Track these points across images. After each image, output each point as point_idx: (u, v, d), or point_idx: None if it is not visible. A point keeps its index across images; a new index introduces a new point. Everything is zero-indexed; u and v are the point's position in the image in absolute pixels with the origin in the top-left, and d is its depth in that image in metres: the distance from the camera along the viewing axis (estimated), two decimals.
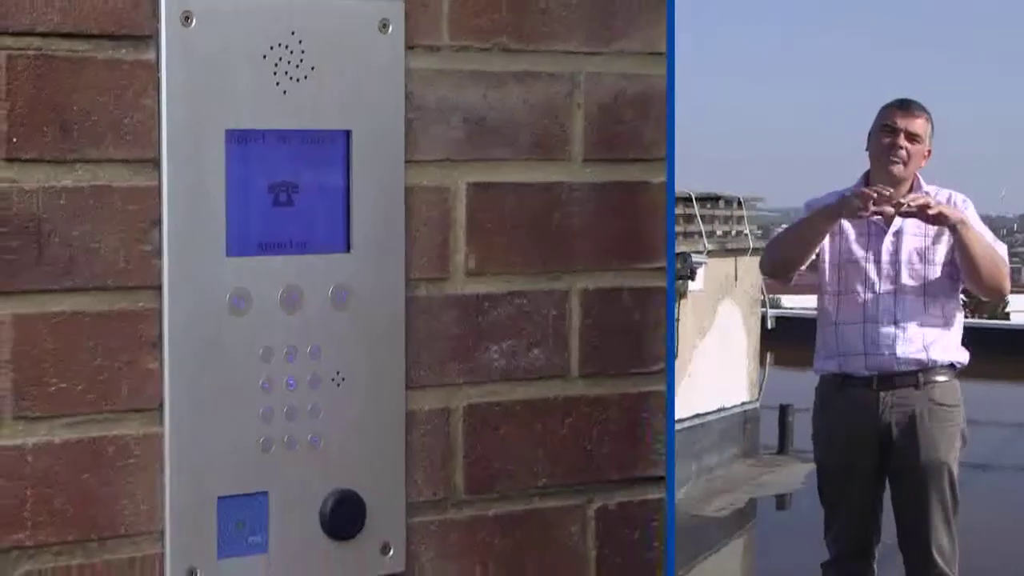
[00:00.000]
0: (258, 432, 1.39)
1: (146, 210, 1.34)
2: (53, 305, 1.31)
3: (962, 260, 4.30)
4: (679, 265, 11.24)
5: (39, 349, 1.31)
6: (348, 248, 1.43)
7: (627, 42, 1.55)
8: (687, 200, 11.62)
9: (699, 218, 11.76)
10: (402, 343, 1.46)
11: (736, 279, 12.05)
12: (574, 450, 1.55)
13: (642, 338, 1.58)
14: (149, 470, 1.35)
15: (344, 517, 1.41)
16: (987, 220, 4.76)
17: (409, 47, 1.45)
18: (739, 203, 12.44)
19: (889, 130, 4.40)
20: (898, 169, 4.39)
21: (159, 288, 1.35)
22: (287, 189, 1.40)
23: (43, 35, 1.29)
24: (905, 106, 4.42)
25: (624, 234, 1.57)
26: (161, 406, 1.35)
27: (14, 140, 1.29)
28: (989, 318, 17.50)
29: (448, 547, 1.49)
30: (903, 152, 4.38)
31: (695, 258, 11.42)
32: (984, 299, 5.32)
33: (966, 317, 4.67)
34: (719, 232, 12.19)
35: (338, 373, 1.42)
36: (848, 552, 4.51)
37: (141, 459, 1.34)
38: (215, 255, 1.37)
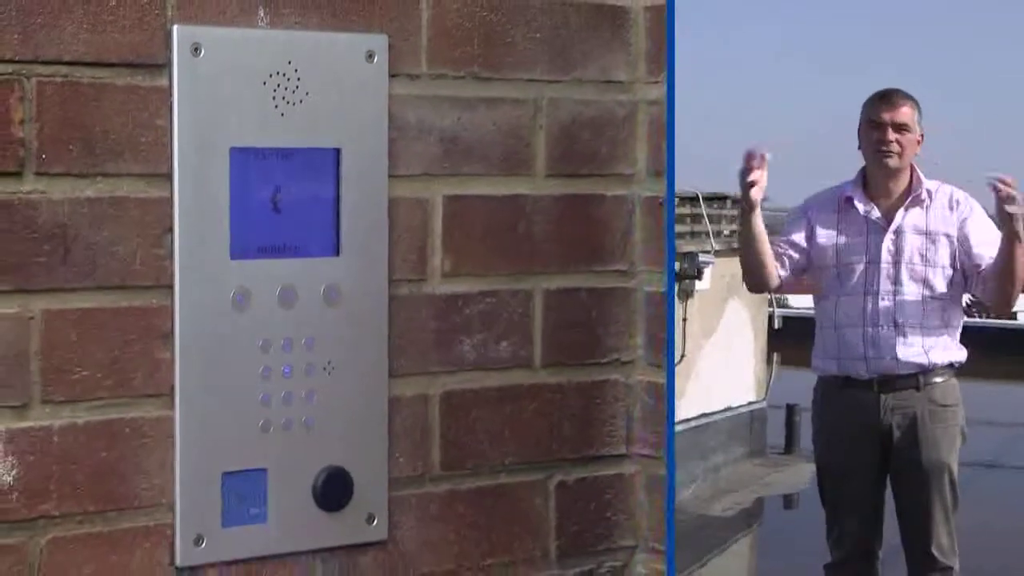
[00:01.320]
0: (258, 415, 1.48)
1: (159, 218, 1.43)
2: (77, 302, 1.40)
3: (998, 271, 3.96)
4: (686, 265, 11.11)
5: (64, 341, 1.39)
6: (338, 252, 1.52)
7: (583, 71, 1.65)
8: (694, 200, 11.48)
9: (706, 218, 11.66)
10: (386, 336, 1.55)
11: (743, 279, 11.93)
12: (537, 432, 1.65)
13: (598, 333, 1.68)
14: (161, 449, 1.43)
15: (334, 491, 1.51)
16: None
17: (392, 75, 1.54)
18: None
19: (876, 125, 4.08)
20: (893, 162, 4.11)
21: (170, 287, 1.44)
22: (284, 200, 1.49)
23: (69, 64, 1.38)
24: (887, 98, 4.12)
25: (582, 240, 1.66)
26: (172, 392, 1.44)
27: (43, 156, 1.38)
28: (996, 318, 17.31)
29: (426, 517, 1.59)
30: (894, 144, 4.08)
31: (702, 258, 11.24)
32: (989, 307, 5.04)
33: (972, 317, 4.50)
34: (726, 232, 12.02)
35: (329, 363, 1.51)
36: (851, 554, 4.32)
37: (154, 439, 1.43)
38: (220, 258, 1.46)
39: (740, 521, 9.80)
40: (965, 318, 4.39)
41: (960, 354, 4.37)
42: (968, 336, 4.33)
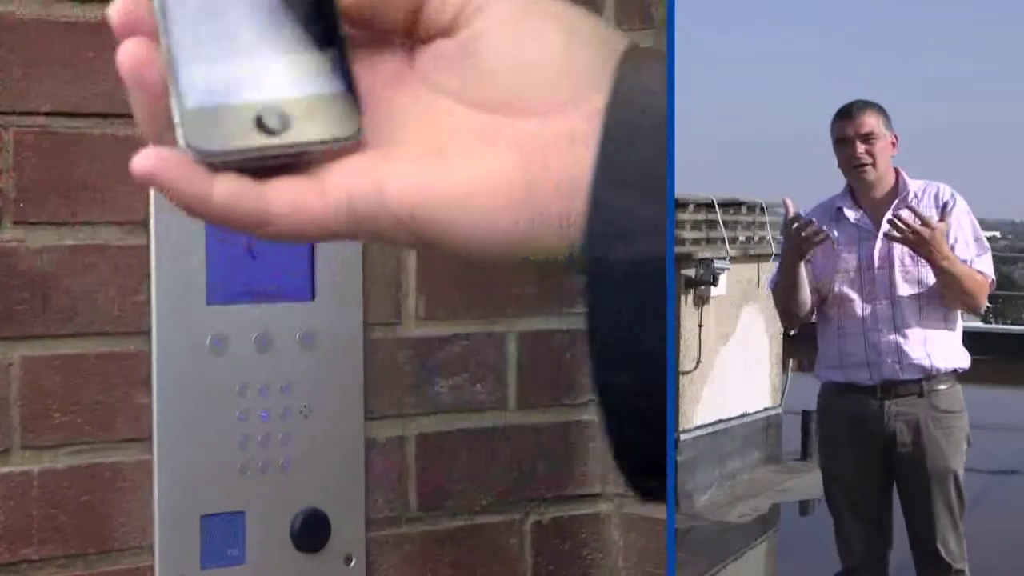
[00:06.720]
0: (236, 458, 1.50)
1: (137, 265, 1.45)
2: (56, 348, 1.42)
3: (940, 288, 4.19)
4: (702, 271, 11.14)
5: (44, 387, 1.41)
6: (313, 296, 1.53)
7: None
8: (709, 206, 11.49)
9: (721, 224, 11.64)
10: (361, 379, 1.57)
11: (759, 284, 11.91)
12: (512, 472, 1.66)
13: (571, 374, 1.69)
14: (141, 492, 1.45)
15: (311, 532, 1.52)
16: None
17: None
18: (761, 208, 12.28)
19: (844, 142, 4.23)
20: (870, 175, 4.18)
21: (149, 333, 1.45)
22: (260, 245, 1.49)
23: (46, 114, 1.40)
24: (847, 114, 4.16)
25: (555, 282, 1.66)
26: (151, 436, 1.45)
27: (21, 205, 1.39)
28: (1012, 323, 17.20)
29: (403, 558, 1.60)
30: (866, 156, 4.20)
31: (718, 264, 11.26)
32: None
33: (988, 322, 4.47)
34: (742, 238, 12.03)
35: (306, 406, 1.53)
36: (861, 562, 4.38)
37: (134, 482, 1.45)
38: (197, 304, 1.48)
39: (757, 527, 9.72)
40: (981, 324, 4.36)
41: (963, 359, 4.39)
42: (988, 341, 4.30)
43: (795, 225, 3.97)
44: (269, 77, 0.61)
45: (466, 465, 1.64)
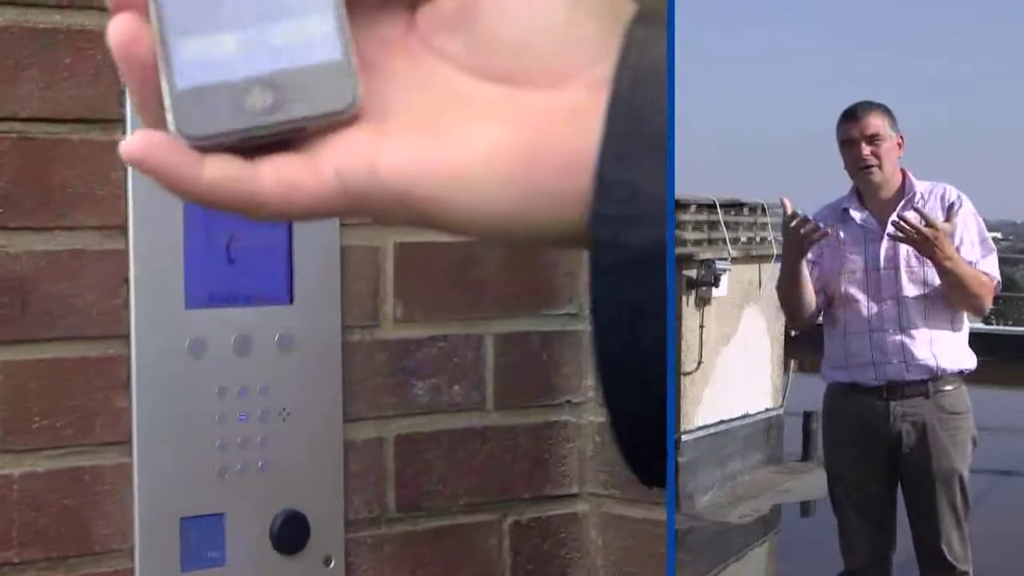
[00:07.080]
0: (215, 461, 1.50)
1: (116, 270, 1.45)
2: (36, 353, 1.42)
3: (945, 289, 4.21)
4: (703, 272, 11.13)
5: (24, 391, 1.41)
6: (291, 300, 1.54)
7: None
8: (711, 207, 11.48)
9: (723, 224, 11.63)
10: (339, 382, 1.57)
11: (760, 285, 11.89)
12: (490, 473, 1.67)
13: (549, 375, 1.70)
14: (121, 495, 1.46)
15: (291, 534, 1.53)
16: None
17: None
18: (763, 209, 12.24)
19: (849, 144, 4.20)
20: (876, 177, 4.17)
21: (127, 337, 1.46)
22: (238, 249, 1.51)
23: (24, 120, 1.41)
24: (853, 115, 4.06)
25: (532, 284, 1.69)
26: (130, 439, 1.46)
27: (1, 211, 1.40)
28: (1014, 324, 17.14)
29: (382, 559, 1.61)
30: (871, 158, 4.19)
31: (719, 264, 11.25)
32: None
33: (990, 323, 4.45)
34: (743, 238, 12.01)
35: (284, 409, 1.54)
36: (865, 562, 4.39)
37: (114, 486, 1.46)
38: (175, 307, 1.48)
39: (757, 528, 9.71)
40: (982, 325, 4.36)
41: (970, 360, 4.38)
42: (986, 342, 4.29)
43: (793, 223, 3.98)
44: (260, 50, 0.60)
45: (445, 466, 1.65)
